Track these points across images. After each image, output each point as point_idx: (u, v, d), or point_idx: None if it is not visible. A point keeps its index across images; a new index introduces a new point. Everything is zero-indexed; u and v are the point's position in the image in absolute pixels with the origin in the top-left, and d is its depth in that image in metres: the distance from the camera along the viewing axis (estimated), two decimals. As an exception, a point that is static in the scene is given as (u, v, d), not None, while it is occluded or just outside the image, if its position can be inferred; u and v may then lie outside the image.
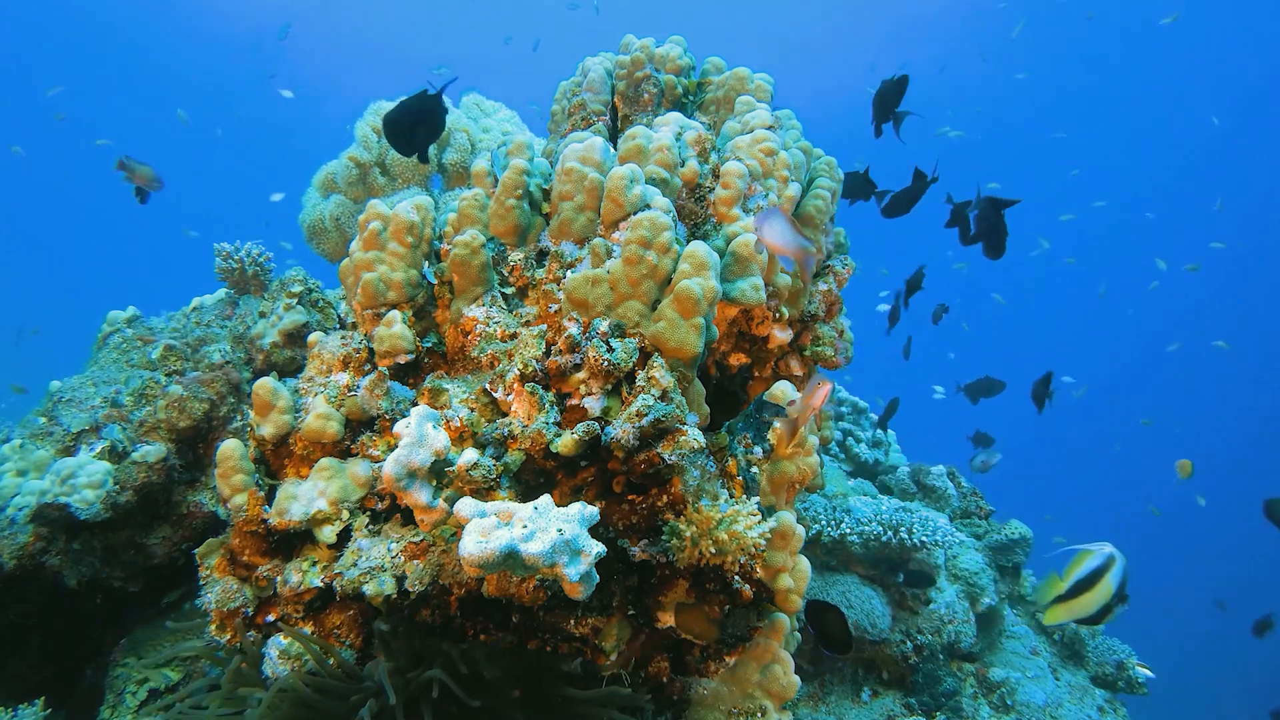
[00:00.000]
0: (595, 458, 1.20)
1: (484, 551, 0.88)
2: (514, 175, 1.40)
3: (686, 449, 1.14)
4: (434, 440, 1.11)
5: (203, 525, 1.93)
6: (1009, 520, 3.48)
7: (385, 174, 2.71)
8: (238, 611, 1.24)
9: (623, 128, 1.81)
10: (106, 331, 2.33)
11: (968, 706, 2.80)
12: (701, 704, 1.28)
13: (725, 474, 1.27)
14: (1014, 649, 3.18)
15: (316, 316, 2.17)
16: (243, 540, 1.24)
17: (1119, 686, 3.15)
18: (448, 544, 1.14)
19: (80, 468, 1.78)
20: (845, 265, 1.76)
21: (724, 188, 1.45)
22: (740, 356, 1.59)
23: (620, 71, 1.82)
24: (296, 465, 1.28)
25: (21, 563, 1.76)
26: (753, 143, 1.52)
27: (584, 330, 1.24)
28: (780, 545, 1.28)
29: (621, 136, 1.45)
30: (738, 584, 1.16)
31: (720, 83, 1.81)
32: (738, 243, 1.38)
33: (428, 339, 1.39)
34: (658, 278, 1.24)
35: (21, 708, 1.71)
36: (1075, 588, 1.55)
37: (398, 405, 1.29)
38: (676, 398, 1.18)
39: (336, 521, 1.21)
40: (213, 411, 1.94)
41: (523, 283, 1.40)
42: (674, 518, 1.14)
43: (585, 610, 1.15)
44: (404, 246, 1.37)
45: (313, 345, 1.40)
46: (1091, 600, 1.54)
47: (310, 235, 2.78)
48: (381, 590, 1.14)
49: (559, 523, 0.94)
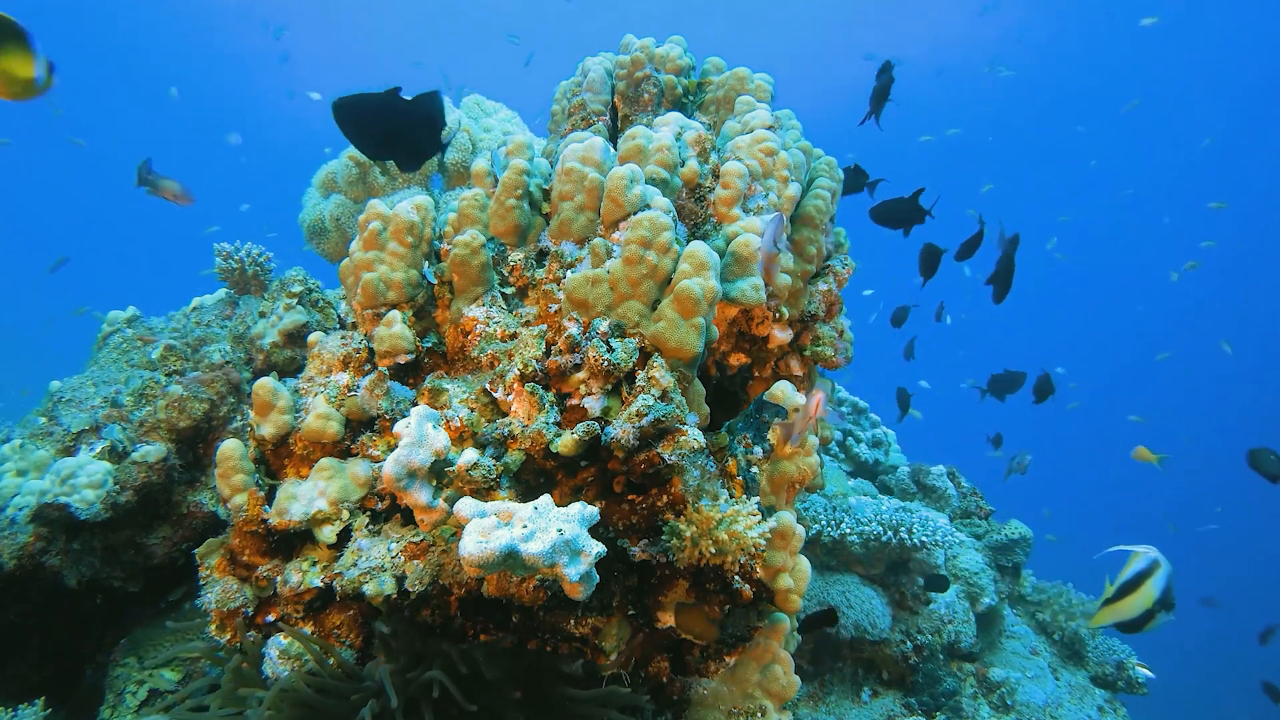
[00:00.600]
0: (595, 458, 1.20)
1: (484, 551, 0.88)
2: (514, 175, 1.40)
3: (686, 449, 1.14)
4: (434, 440, 1.11)
5: (203, 525, 1.93)
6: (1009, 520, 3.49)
7: (385, 174, 2.71)
8: (238, 611, 1.24)
9: (623, 128, 1.81)
10: (106, 331, 2.33)
11: (968, 706, 2.80)
12: (701, 704, 1.28)
13: (725, 474, 1.27)
14: (1014, 649, 3.18)
15: (316, 316, 2.17)
16: (243, 540, 1.24)
17: (1119, 686, 3.16)
18: (448, 544, 1.14)
19: (80, 468, 1.78)
20: (845, 265, 1.76)
21: (724, 188, 1.45)
22: (740, 356, 1.59)
23: (620, 71, 1.82)
24: (296, 465, 1.28)
25: (21, 563, 1.76)
26: (753, 143, 1.52)
27: (584, 330, 1.24)
28: (780, 545, 1.29)
29: (621, 136, 1.45)
30: (738, 584, 1.16)
31: (720, 83, 1.81)
32: (738, 243, 1.38)
33: (428, 339, 1.39)
34: (658, 278, 1.24)
35: (21, 708, 1.71)
36: (1120, 590, 1.53)
37: (398, 405, 1.29)
38: (676, 398, 1.18)
39: (336, 521, 1.21)
40: (213, 411, 1.94)
41: (523, 283, 1.40)
42: (674, 518, 1.14)
43: (585, 610, 1.15)
44: (404, 246, 1.37)
45: (313, 345, 1.40)
46: (1133, 604, 1.52)
47: (310, 235, 2.78)
48: (381, 590, 1.14)
49: (559, 523, 0.94)
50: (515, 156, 1.42)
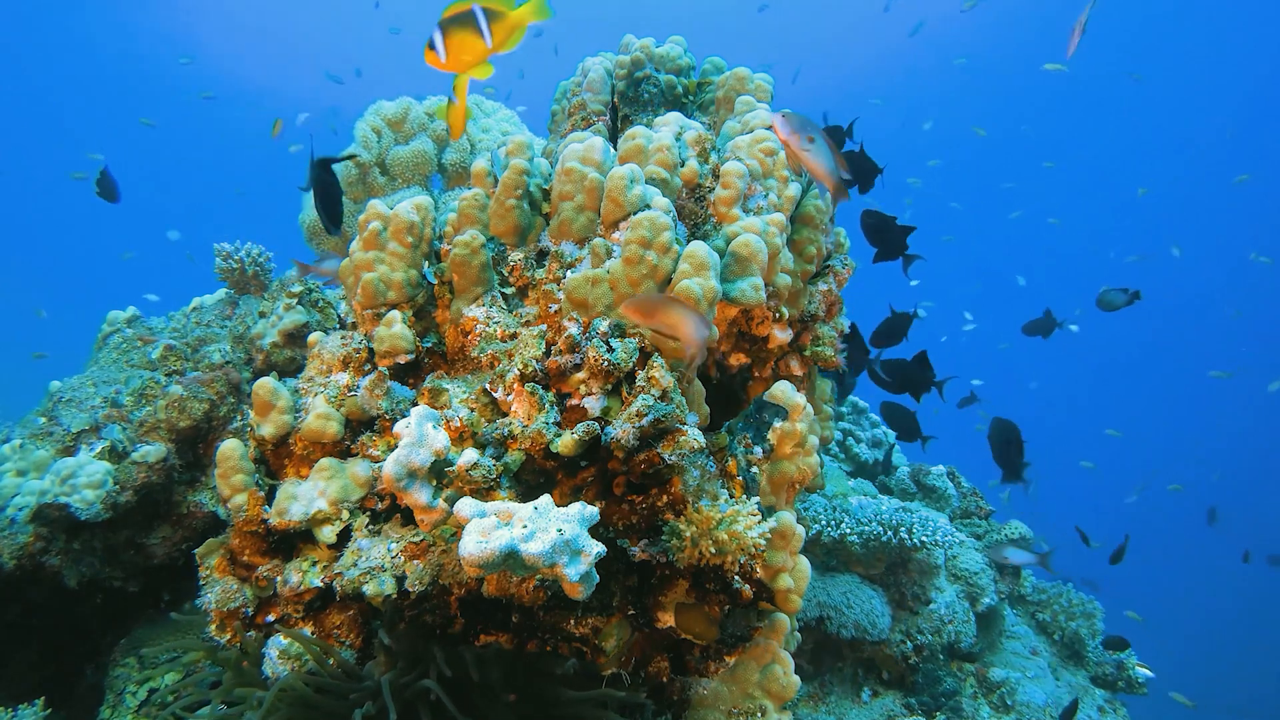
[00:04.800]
0: (595, 458, 1.20)
1: (484, 551, 0.88)
2: (514, 175, 1.40)
3: (686, 449, 1.14)
4: (434, 440, 1.11)
5: (203, 525, 1.93)
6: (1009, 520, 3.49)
7: (385, 174, 2.71)
8: (238, 611, 1.24)
9: (623, 128, 1.81)
10: (106, 331, 2.33)
11: (968, 706, 2.80)
12: (701, 704, 1.28)
13: (725, 474, 1.27)
14: (1014, 649, 3.18)
15: (316, 316, 2.17)
16: (243, 540, 1.24)
17: (1119, 686, 3.16)
18: (448, 544, 1.14)
19: (80, 468, 1.78)
20: (845, 265, 1.76)
21: (724, 188, 1.45)
22: (740, 356, 1.59)
23: (620, 71, 1.82)
24: (296, 465, 1.28)
25: (21, 563, 1.76)
26: (753, 143, 1.52)
27: (584, 330, 1.24)
28: (780, 545, 1.28)
29: (621, 136, 1.45)
30: (738, 584, 1.16)
31: (720, 83, 1.81)
32: (738, 243, 1.38)
33: (428, 339, 1.39)
34: (658, 278, 1.24)
35: (21, 708, 1.71)
36: None
37: (398, 405, 1.29)
38: (676, 398, 1.18)
39: (336, 521, 1.21)
40: (213, 411, 1.94)
41: (523, 283, 1.40)
42: (674, 518, 1.14)
43: (585, 610, 1.15)
44: (404, 246, 1.37)
45: (313, 345, 1.40)
46: None
47: (310, 235, 2.78)
48: (381, 590, 1.14)
49: (559, 523, 0.94)
50: (515, 156, 1.42)
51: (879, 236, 2.06)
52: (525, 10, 1.24)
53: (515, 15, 1.23)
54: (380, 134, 2.70)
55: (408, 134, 2.73)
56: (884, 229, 2.05)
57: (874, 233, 2.07)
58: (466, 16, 1.19)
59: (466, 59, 1.21)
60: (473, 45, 1.20)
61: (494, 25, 1.20)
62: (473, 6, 1.19)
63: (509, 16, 1.22)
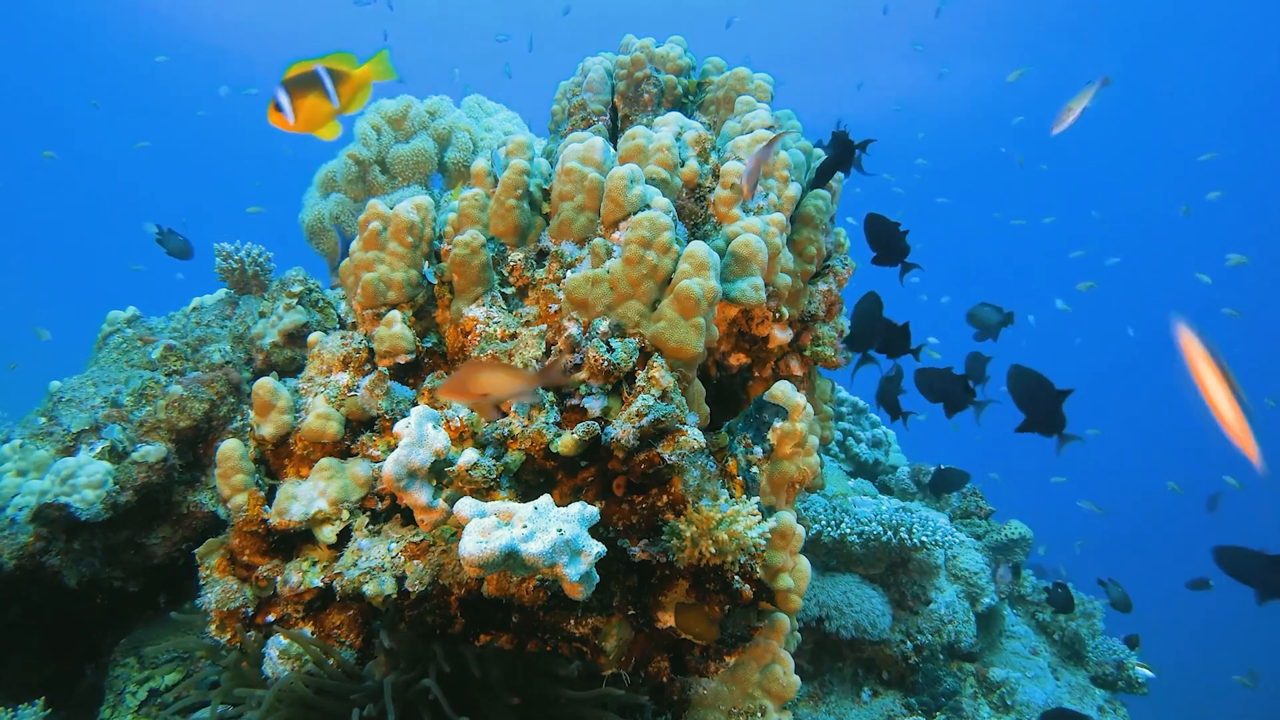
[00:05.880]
0: (595, 458, 1.20)
1: (484, 551, 0.88)
2: (514, 175, 1.40)
3: (686, 449, 1.14)
4: (434, 440, 1.11)
5: (203, 525, 1.93)
6: (1009, 520, 3.49)
7: (385, 172, 2.71)
8: (238, 611, 1.24)
9: (623, 128, 1.81)
10: (106, 331, 2.33)
11: (968, 706, 2.80)
12: (701, 704, 1.28)
13: (725, 474, 1.27)
14: (1014, 649, 3.18)
15: (316, 316, 2.17)
16: (243, 540, 1.24)
17: (1119, 686, 3.16)
18: (448, 544, 1.14)
19: (80, 468, 1.78)
20: (845, 265, 1.76)
21: (724, 187, 1.45)
22: (740, 356, 1.59)
23: (620, 71, 1.82)
24: (296, 465, 1.28)
25: (21, 563, 1.76)
26: (753, 143, 1.52)
27: (584, 330, 1.24)
28: (780, 545, 1.28)
29: (621, 136, 1.45)
30: (738, 584, 1.16)
31: (720, 83, 1.81)
32: (738, 243, 1.38)
33: (428, 339, 1.39)
34: (658, 278, 1.24)
35: (21, 708, 1.71)
36: None
37: (398, 405, 1.29)
38: (676, 398, 1.18)
39: (336, 521, 1.21)
40: (213, 411, 1.93)
41: (523, 283, 1.40)
42: (674, 518, 1.14)
43: (585, 610, 1.15)
44: (404, 246, 1.37)
45: (313, 345, 1.39)
46: None
47: (310, 235, 2.78)
48: (381, 590, 1.14)
49: (559, 523, 0.94)
50: (515, 156, 1.42)
51: (881, 242, 2.06)
52: (367, 69, 1.26)
53: (358, 74, 1.25)
54: (380, 131, 2.70)
55: (408, 132, 2.73)
56: (887, 234, 2.05)
57: (876, 238, 2.07)
58: (310, 78, 1.20)
59: (315, 120, 1.23)
60: (320, 107, 1.22)
61: (339, 86, 1.22)
62: (315, 68, 1.20)
63: (352, 76, 1.24)
